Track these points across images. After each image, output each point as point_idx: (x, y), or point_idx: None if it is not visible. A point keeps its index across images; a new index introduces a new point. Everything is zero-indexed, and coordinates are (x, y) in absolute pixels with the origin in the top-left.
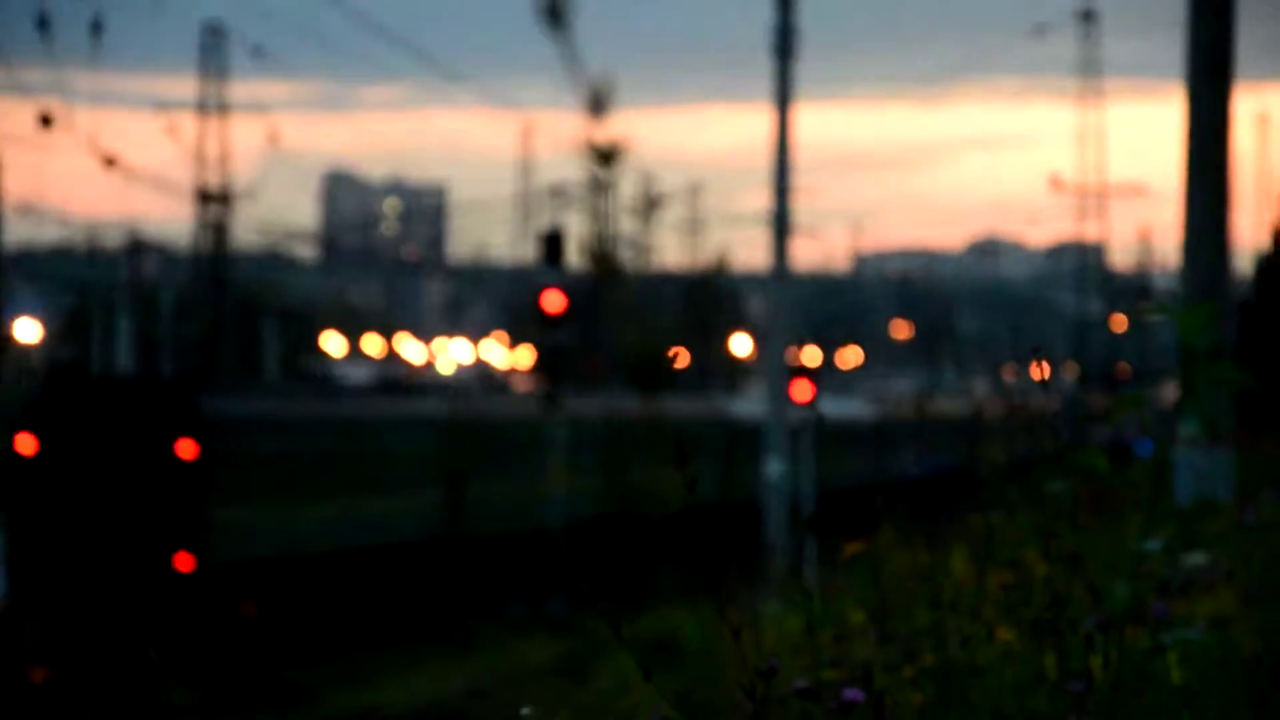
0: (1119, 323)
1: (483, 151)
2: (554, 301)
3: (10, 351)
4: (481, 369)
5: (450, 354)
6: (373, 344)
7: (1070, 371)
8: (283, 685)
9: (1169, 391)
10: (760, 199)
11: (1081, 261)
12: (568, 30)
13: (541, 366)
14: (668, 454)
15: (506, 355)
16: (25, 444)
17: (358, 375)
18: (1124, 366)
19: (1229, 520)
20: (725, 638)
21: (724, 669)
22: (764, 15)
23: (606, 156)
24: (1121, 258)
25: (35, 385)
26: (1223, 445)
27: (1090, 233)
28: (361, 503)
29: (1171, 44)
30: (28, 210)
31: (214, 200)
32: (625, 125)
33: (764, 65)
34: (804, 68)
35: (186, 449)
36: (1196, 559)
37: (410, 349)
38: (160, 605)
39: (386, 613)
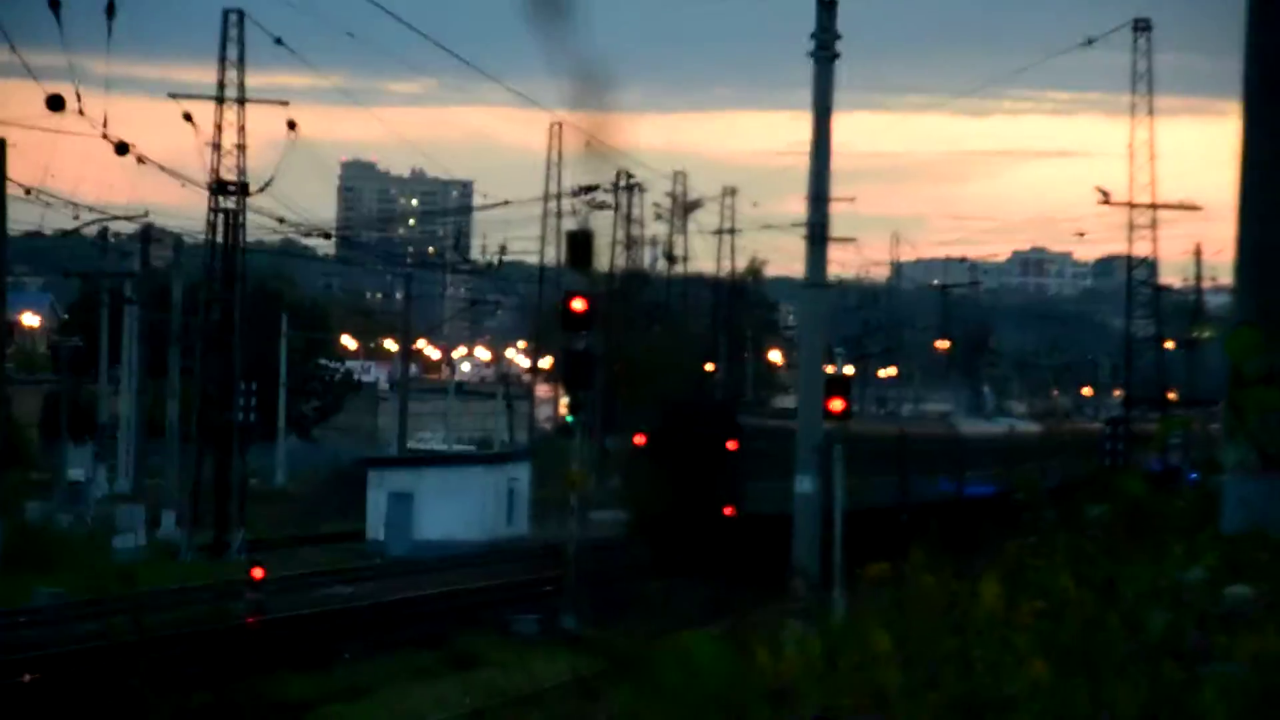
0: (1170, 342)
1: (512, 149)
2: (577, 304)
3: (14, 339)
4: (502, 371)
5: (470, 356)
6: (390, 344)
7: (1117, 393)
8: (271, 705)
9: (1220, 415)
10: (800, 205)
11: (1130, 278)
12: (564, 17)
13: (563, 370)
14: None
15: (528, 359)
16: (639, 440)
17: (375, 375)
18: (1173, 390)
19: (1275, 551)
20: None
21: (742, 691)
22: (809, 22)
23: (588, 145)
24: (1174, 275)
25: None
26: (1273, 473)
27: (1140, 249)
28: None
29: (1230, 60)
30: (36, 195)
31: (229, 191)
32: (663, 129)
33: (808, 71)
34: (847, 75)
35: (732, 444)
36: (1240, 591)
37: (429, 350)
38: (717, 538)
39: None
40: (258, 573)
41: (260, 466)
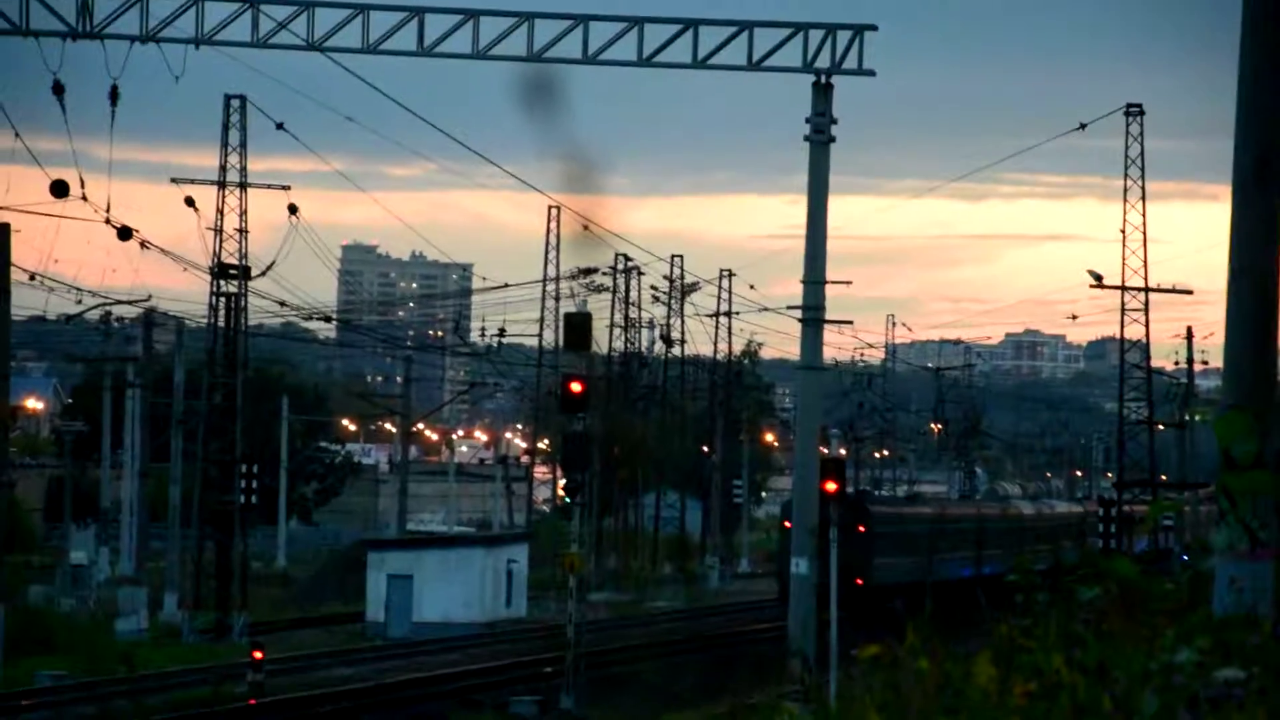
0: (1161, 425)
1: (511, 232)
2: (575, 387)
3: (17, 423)
4: (501, 453)
5: (469, 438)
6: (390, 426)
7: (1108, 475)
8: None
9: (1211, 498)
10: (796, 288)
11: (1123, 360)
12: (553, 106)
13: (561, 452)
14: None
15: (526, 441)
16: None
17: (375, 458)
18: (1164, 473)
19: (1266, 634)
20: None
21: None
22: (806, 106)
23: (585, 229)
24: (1165, 358)
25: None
26: (1264, 555)
27: (1133, 332)
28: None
29: (1222, 144)
30: (39, 280)
31: (231, 275)
32: (663, 212)
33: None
34: (844, 159)
35: (861, 528)
36: (1230, 673)
37: (429, 432)
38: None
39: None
40: (259, 654)
41: (261, 549)
